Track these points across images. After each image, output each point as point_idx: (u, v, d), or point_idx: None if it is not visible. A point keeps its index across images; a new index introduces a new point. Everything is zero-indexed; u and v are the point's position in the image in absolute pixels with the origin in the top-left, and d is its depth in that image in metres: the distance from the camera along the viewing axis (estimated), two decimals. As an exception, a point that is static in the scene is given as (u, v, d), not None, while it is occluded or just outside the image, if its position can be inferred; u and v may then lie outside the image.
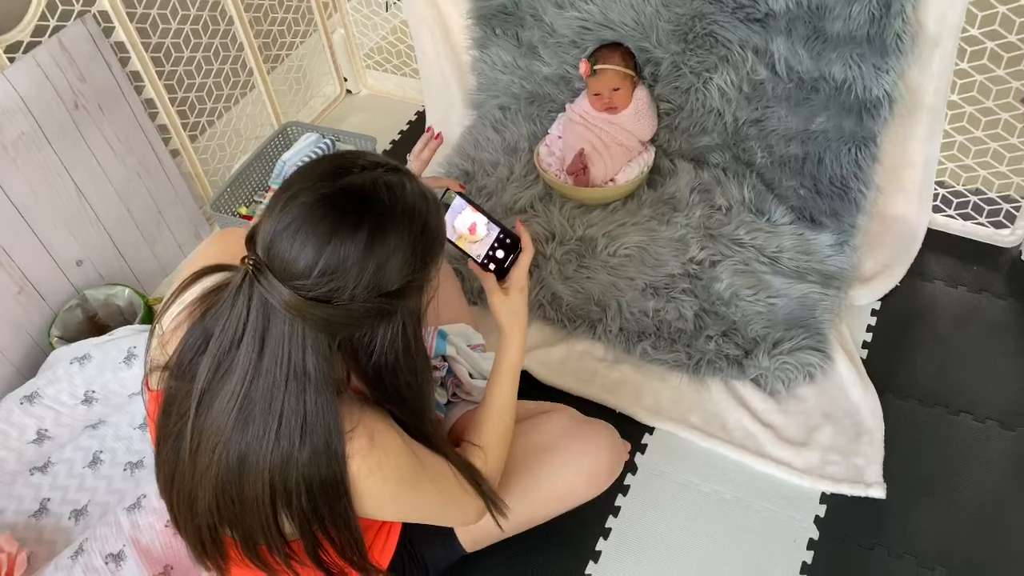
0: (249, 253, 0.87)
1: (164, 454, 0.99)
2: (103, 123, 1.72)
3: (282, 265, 0.84)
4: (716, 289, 1.66)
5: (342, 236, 0.84)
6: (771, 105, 1.70)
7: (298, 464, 0.89)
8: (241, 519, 0.93)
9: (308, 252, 0.83)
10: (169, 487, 1.00)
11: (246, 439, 0.89)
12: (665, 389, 1.59)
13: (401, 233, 0.87)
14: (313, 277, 0.84)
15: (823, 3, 1.54)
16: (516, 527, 1.29)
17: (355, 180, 0.86)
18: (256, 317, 0.87)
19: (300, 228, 0.84)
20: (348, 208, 0.85)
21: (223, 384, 0.90)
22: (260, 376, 0.88)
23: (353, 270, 0.85)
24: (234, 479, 0.91)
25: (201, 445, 0.92)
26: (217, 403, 0.90)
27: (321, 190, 0.85)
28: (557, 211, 1.81)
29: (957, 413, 1.53)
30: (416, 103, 2.36)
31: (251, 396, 0.88)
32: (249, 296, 0.87)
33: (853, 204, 1.69)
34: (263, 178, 2.08)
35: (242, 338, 0.88)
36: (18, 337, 1.65)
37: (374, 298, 0.87)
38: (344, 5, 2.27)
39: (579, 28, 1.80)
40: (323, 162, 0.90)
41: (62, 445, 1.57)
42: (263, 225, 0.87)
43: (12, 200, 1.58)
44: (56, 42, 1.59)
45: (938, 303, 1.71)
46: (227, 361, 0.90)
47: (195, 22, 1.91)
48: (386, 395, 0.97)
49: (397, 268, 0.87)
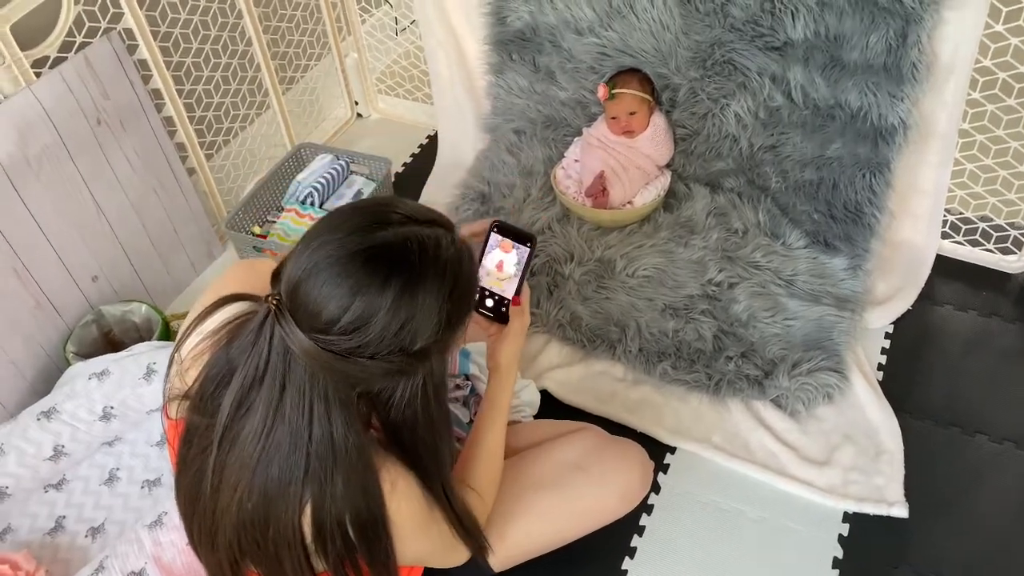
0: (274, 291, 0.86)
1: (185, 483, 0.97)
2: (124, 139, 1.72)
3: (305, 312, 0.82)
4: (734, 311, 1.68)
5: (369, 294, 0.81)
6: (786, 131, 1.74)
7: (333, 508, 0.87)
8: (265, 558, 0.92)
9: (332, 305, 0.81)
10: (190, 516, 0.98)
11: (271, 480, 0.87)
12: (686, 409, 1.60)
13: (429, 294, 0.85)
14: (335, 332, 0.81)
15: (841, 33, 1.58)
16: (548, 546, 1.29)
17: (388, 236, 0.84)
18: (277, 359, 0.84)
19: (327, 280, 0.81)
20: (378, 266, 0.82)
21: (245, 422, 0.87)
22: (283, 418, 0.85)
23: (377, 328, 0.82)
24: (259, 520, 0.89)
25: (223, 483, 0.90)
26: (240, 441, 0.88)
27: (353, 245, 0.83)
28: (575, 232, 1.83)
29: (973, 434, 1.55)
30: (426, 128, 2.38)
31: (274, 437, 0.86)
32: (271, 336, 0.84)
33: (867, 229, 1.72)
34: (277, 198, 2.08)
35: (264, 377, 0.85)
36: (33, 352, 1.63)
37: (396, 357, 0.85)
38: (358, 29, 2.29)
39: (598, 54, 1.83)
40: (360, 208, 0.88)
41: (78, 462, 1.55)
42: (290, 265, 0.85)
43: (32, 213, 1.57)
44: (82, 58, 1.59)
45: (949, 327, 1.74)
46: (248, 399, 0.87)
47: (215, 42, 1.93)
48: (403, 449, 0.94)
49: (423, 329, 0.85)
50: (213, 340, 0.93)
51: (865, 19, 1.55)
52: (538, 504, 1.24)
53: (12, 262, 1.55)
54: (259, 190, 2.04)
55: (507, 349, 1.15)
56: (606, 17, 1.78)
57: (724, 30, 1.69)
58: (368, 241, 0.83)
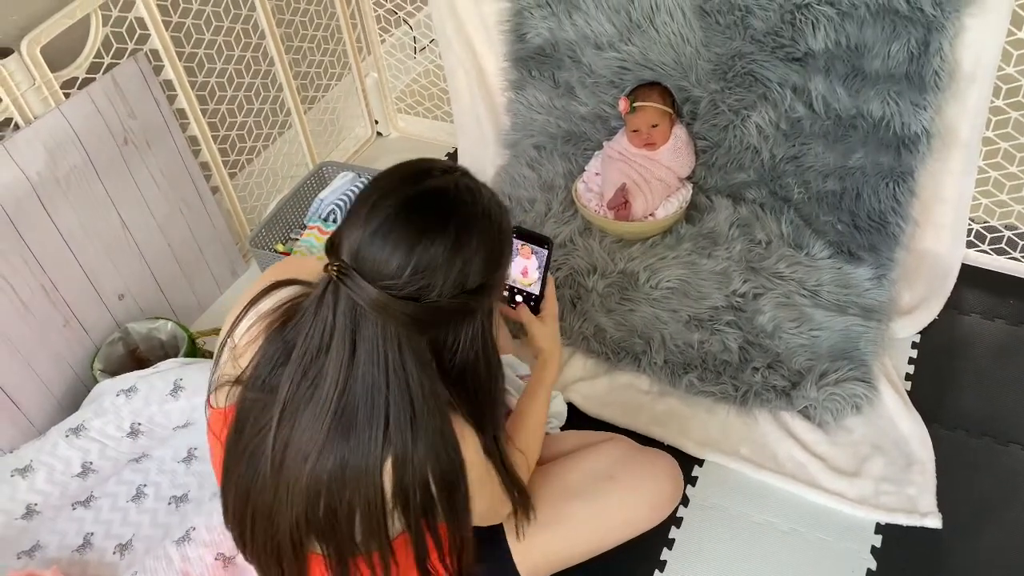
0: (332, 260, 0.89)
1: (235, 473, 0.98)
2: (149, 159, 1.74)
3: (372, 268, 0.86)
4: (759, 322, 1.67)
5: (431, 236, 0.86)
6: (808, 142, 1.74)
7: (414, 460, 0.90)
8: (337, 529, 0.92)
9: (399, 253, 0.85)
10: (242, 507, 0.99)
11: (348, 445, 0.89)
12: (713, 421, 1.59)
13: (482, 234, 0.90)
14: (404, 277, 0.86)
15: (862, 42, 1.58)
16: (579, 556, 1.28)
17: (439, 183, 0.89)
18: (344, 322, 0.88)
19: (390, 231, 0.86)
20: (435, 209, 0.88)
21: (312, 393, 0.90)
22: (356, 380, 0.88)
23: (442, 268, 0.87)
24: (335, 485, 0.90)
25: (287, 459, 0.92)
26: (307, 413, 0.90)
27: (407, 193, 0.88)
28: (597, 245, 1.83)
29: (1006, 444, 1.53)
30: (445, 146, 2.40)
31: (348, 401, 0.88)
32: (334, 302, 0.88)
33: (891, 238, 1.71)
34: (299, 216, 2.10)
35: (330, 345, 0.89)
36: (61, 370, 1.65)
37: (459, 295, 0.89)
38: (378, 49, 2.32)
39: (618, 68, 1.84)
40: (402, 168, 0.93)
41: (106, 479, 1.55)
42: (348, 232, 0.88)
43: (61, 232, 1.59)
44: (110, 79, 1.62)
45: (977, 336, 1.72)
46: (314, 369, 0.90)
47: (238, 62, 1.95)
48: (466, 394, 0.98)
49: (478, 267, 0.90)
50: (267, 323, 0.97)
51: (886, 28, 1.55)
52: (569, 512, 1.24)
53: (41, 280, 1.57)
54: (282, 208, 2.05)
55: (545, 332, 1.26)
56: (626, 31, 1.79)
57: (744, 42, 1.69)
58: (420, 189, 0.88)
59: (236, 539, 1.05)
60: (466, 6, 1.99)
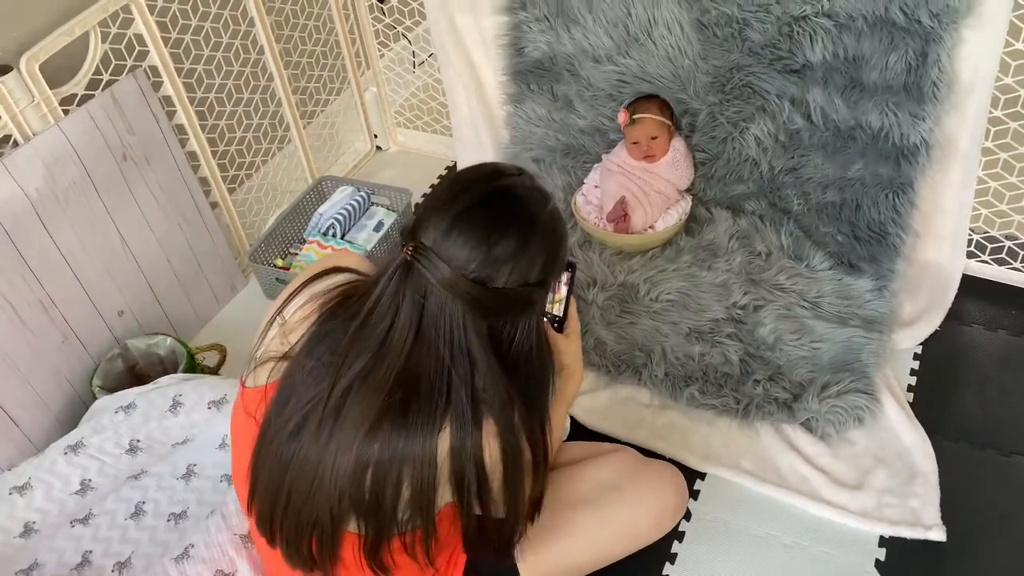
0: (408, 241, 0.94)
1: (273, 447, 0.99)
2: (148, 174, 1.74)
3: (446, 252, 0.92)
4: (760, 334, 1.66)
5: (503, 230, 0.94)
6: (807, 153, 1.74)
7: (473, 438, 0.93)
8: (380, 507, 0.94)
9: (473, 241, 0.92)
10: (278, 482, 1.00)
11: (406, 420, 0.92)
12: (714, 434, 1.58)
13: (546, 235, 0.98)
14: (476, 263, 0.92)
15: (860, 54, 1.59)
16: (583, 566, 1.27)
17: (515, 183, 0.98)
18: (413, 298, 0.93)
19: (468, 221, 0.93)
20: (510, 206, 0.96)
21: (372, 366, 0.93)
22: (420, 355, 0.93)
23: (509, 260, 0.94)
24: (386, 462, 0.92)
25: (336, 432, 0.94)
26: (365, 386, 0.93)
27: (486, 187, 0.96)
28: (597, 258, 1.82)
29: (1009, 455, 1.52)
30: (444, 159, 2.40)
31: (410, 376, 0.93)
32: (404, 279, 0.94)
33: (892, 249, 1.71)
34: (299, 230, 2.10)
35: (393, 321, 0.94)
36: (60, 386, 1.64)
37: (521, 287, 0.96)
38: (377, 64, 2.32)
39: (616, 81, 1.85)
40: (480, 167, 1.01)
41: (104, 496, 1.54)
42: (426, 218, 0.95)
43: (60, 248, 1.58)
44: (108, 95, 1.62)
45: (979, 347, 1.72)
46: (373, 341, 0.94)
47: (237, 77, 1.96)
48: (519, 382, 1.01)
49: (540, 264, 0.97)
50: (321, 301, 1.02)
51: (884, 40, 1.55)
52: (573, 521, 1.24)
53: (40, 296, 1.56)
54: (281, 223, 2.05)
55: (568, 349, 1.29)
56: (624, 45, 1.80)
57: (742, 54, 1.69)
58: (498, 185, 0.97)
59: (262, 518, 1.04)
60: (465, 20, 2.00)
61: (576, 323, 1.33)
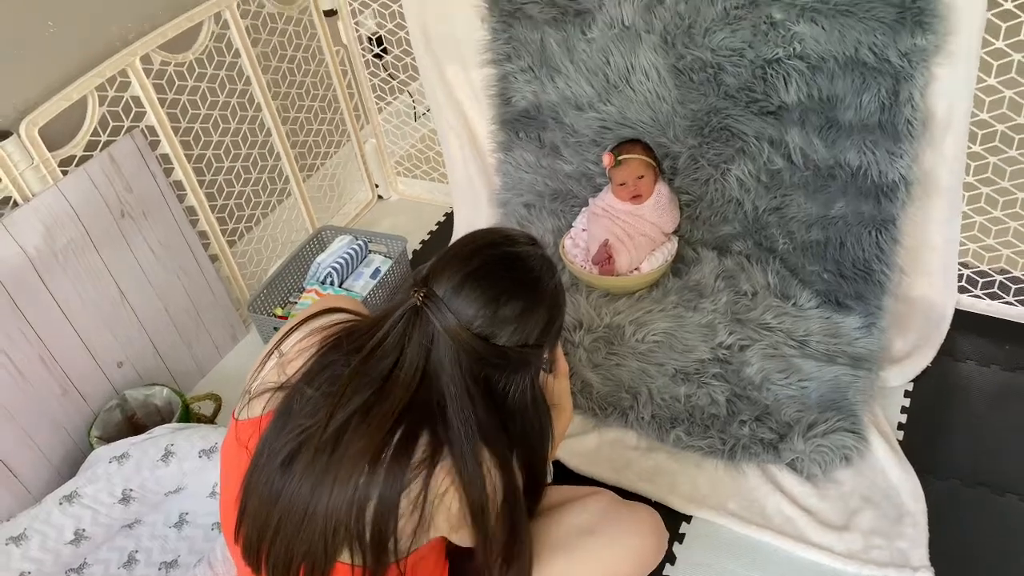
0: (419, 287, 1.02)
1: (264, 475, 1.02)
2: (147, 230, 1.80)
3: (457, 304, 1.00)
4: (747, 374, 1.66)
5: (515, 293, 1.02)
6: (789, 193, 1.75)
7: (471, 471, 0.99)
8: (381, 537, 0.97)
9: (481, 300, 1.00)
10: (267, 511, 1.02)
11: (409, 457, 0.97)
12: (701, 476, 1.58)
13: (549, 304, 1.06)
14: (482, 320, 1.00)
15: (834, 94, 1.60)
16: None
17: (530, 252, 1.06)
18: (420, 340, 1.00)
19: (479, 280, 1.00)
20: (520, 274, 1.03)
21: (375, 399, 0.99)
22: (424, 392, 1.00)
23: (514, 321, 1.02)
24: (388, 496, 0.96)
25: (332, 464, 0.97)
26: (369, 419, 0.97)
27: (500, 251, 1.04)
28: (584, 300, 1.84)
29: (1002, 494, 1.49)
30: (443, 206, 2.44)
31: (413, 409, 0.99)
32: (412, 322, 1.01)
33: (878, 286, 1.71)
34: (298, 279, 2.14)
35: (399, 359, 1.00)
36: (59, 437, 1.68)
37: (520, 347, 1.03)
38: (375, 117, 2.39)
39: (599, 127, 1.88)
40: (499, 230, 1.09)
41: (98, 545, 1.57)
42: (440, 269, 1.02)
43: (59, 303, 1.64)
44: (107, 155, 1.69)
45: (972, 383, 1.70)
46: (375, 376, 1.00)
47: (235, 134, 2.02)
48: (515, 431, 1.09)
49: (540, 329, 1.05)
50: (322, 336, 1.08)
51: (856, 80, 1.57)
52: (550, 568, 1.23)
53: (39, 350, 1.62)
54: (281, 272, 2.10)
55: (557, 388, 1.34)
56: (604, 92, 1.83)
57: (719, 98, 1.72)
58: (513, 251, 1.04)
59: (249, 546, 1.06)
60: (455, 72, 2.06)
61: (564, 364, 1.36)
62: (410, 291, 1.03)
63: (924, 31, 1.47)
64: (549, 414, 1.18)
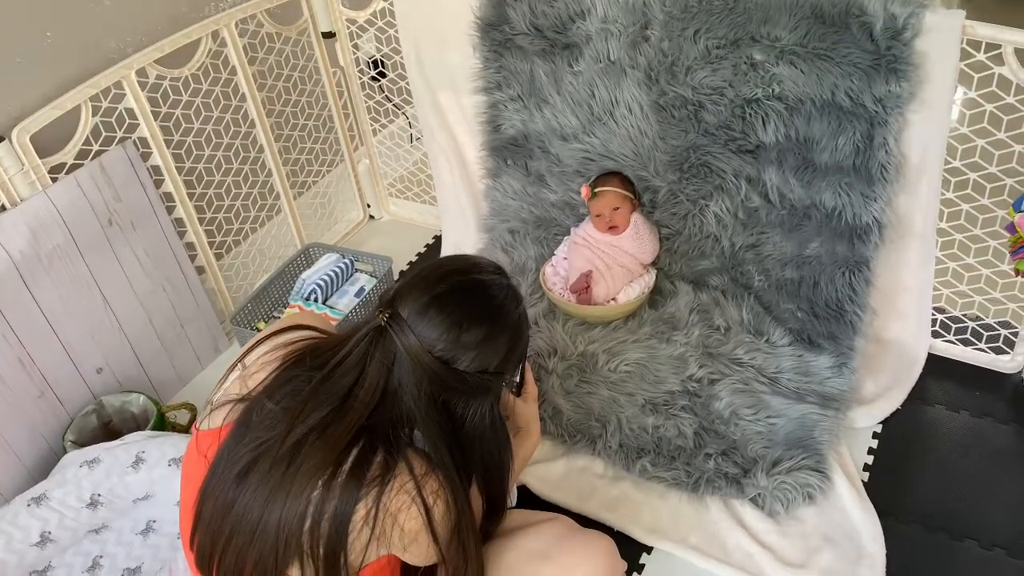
0: (385, 308, 1.04)
1: (222, 484, 1.03)
2: (134, 239, 1.83)
3: (420, 327, 1.02)
4: (716, 407, 1.67)
5: (478, 320, 1.04)
6: (766, 231, 1.77)
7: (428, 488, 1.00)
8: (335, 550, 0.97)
9: (445, 325, 1.02)
10: (220, 520, 1.03)
11: (363, 474, 0.97)
12: (664, 507, 1.58)
13: (511, 333, 1.08)
14: (444, 343, 1.02)
15: (810, 136, 1.63)
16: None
17: (494, 280, 1.09)
18: (381, 359, 1.02)
19: (447, 304, 1.03)
20: (484, 302, 1.06)
21: (335, 418, 0.99)
22: (383, 410, 1.01)
23: (475, 348, 1.04)
24: (341, 512, 0.96)
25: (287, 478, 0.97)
26: (326, 436, 0.98)
27: (469, 280, 1.07)
28: (560, 327, 1.86)
29: (962, 539, 1.50)
30: (433, 228, 2.47)
31: (371, 426, 1.00)
32: (375, 342, 1.03)
33: (849, 327, 1.72)
34: (283, 295, 2.17)
35: (359, 377, 1.02)
36: (34, 440, 1.70)
37: (480, 373, 1.06)
38: (370, 139, 2.42)
39: (583, 158, 1.91)
40: (466, 258, 1.12)
41: (64, 549, 1.59)
42: (406, 291, 1.05)
43: (41, 307, 1.67)
44: (97, 164, 1.72)
45: (940, 428, 1.70)
46: (336, 392, 1.01)
47: (227, 149, 2.06)
48: (473, 456, 1.11)
49: (501, 357, 1.07)
50: (286, 351, 1.09)
51: (832, 122, 1.60)
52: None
53: (18, 353, 1.64)
54: (266, 287, 2.13)
55: (525, 412, 1.37)
56: (588, 124, 1.87)
57: (698, 135, 1.75)
58: (477, 281, 1.07)
59: (202, 553, 1.06)
60: (447, 98, 2.10)
61: (533, 387, 1.40)
62: (376, 311, 1.05)
63: (898, 78, 1.50)
64: (508, 440, 1.19)
